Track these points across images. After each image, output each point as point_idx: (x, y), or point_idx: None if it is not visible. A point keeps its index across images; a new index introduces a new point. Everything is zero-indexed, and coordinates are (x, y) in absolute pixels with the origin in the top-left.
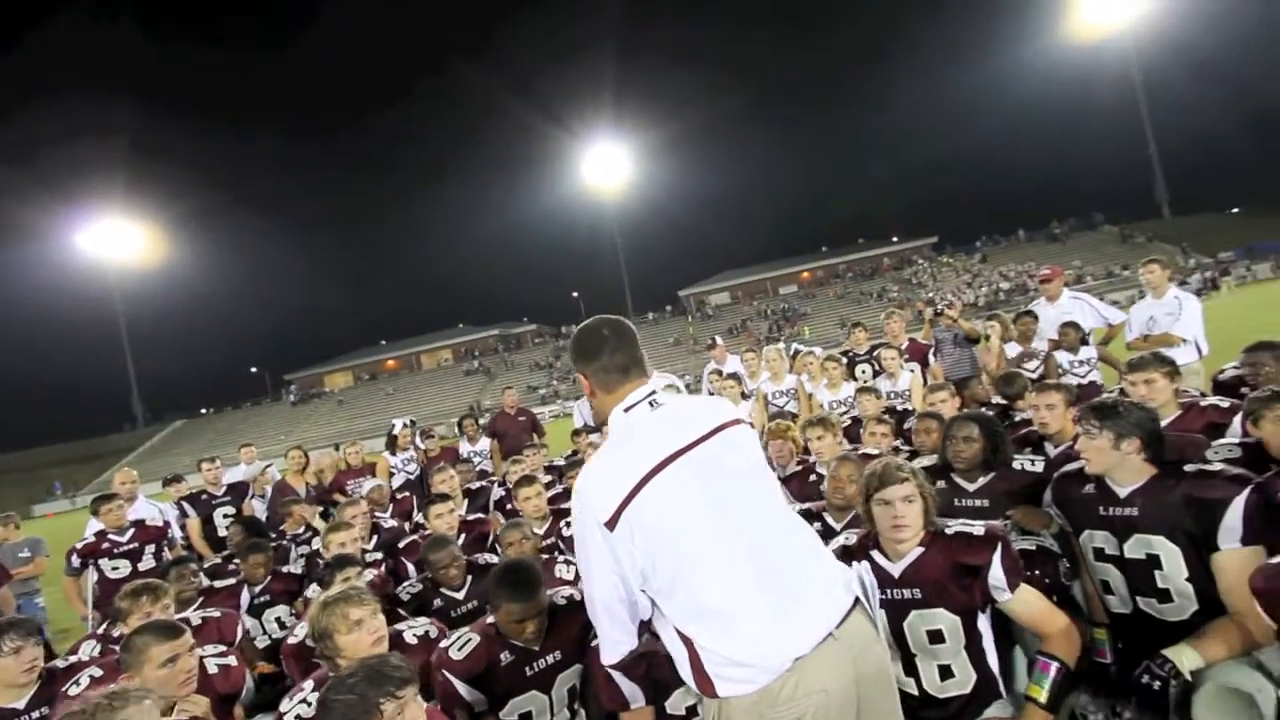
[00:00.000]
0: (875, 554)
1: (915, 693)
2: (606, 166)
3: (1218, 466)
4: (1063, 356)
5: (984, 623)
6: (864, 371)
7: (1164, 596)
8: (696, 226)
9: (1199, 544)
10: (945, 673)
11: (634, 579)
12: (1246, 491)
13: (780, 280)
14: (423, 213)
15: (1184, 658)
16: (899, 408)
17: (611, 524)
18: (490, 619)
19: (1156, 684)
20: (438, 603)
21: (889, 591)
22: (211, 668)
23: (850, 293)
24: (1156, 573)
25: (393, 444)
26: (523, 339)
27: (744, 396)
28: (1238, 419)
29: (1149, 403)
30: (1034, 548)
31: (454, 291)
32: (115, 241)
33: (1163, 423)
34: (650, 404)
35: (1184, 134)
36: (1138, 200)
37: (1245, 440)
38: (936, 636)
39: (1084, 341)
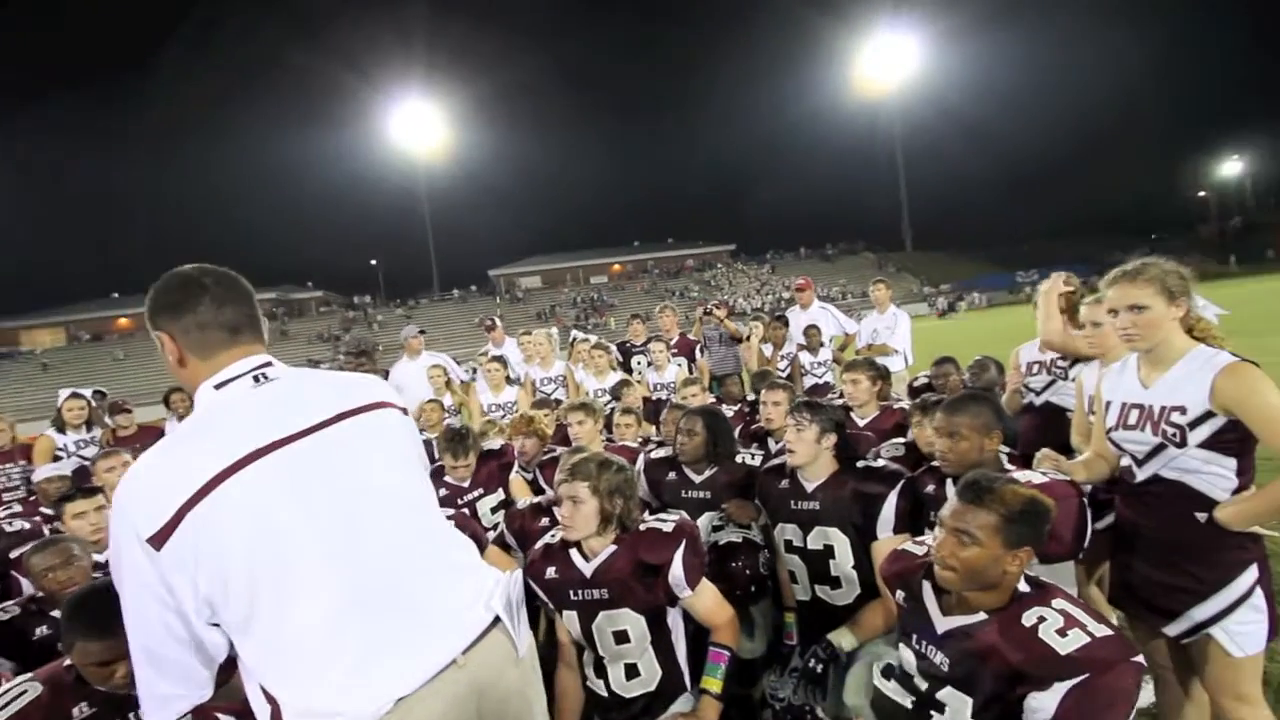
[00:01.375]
0: (574, 553)
1: (604, 694)
2: (417, 129)
3: (881, 463)
4: (805, 357)
5: (674, 618)
6: (639, 363)
7: (835, 584)
8: (513, 206)
9: (863, 534)
10: (631, 672)
11: (196, 612)
12: (899, 486)
13: (592, 270)
14: (189, 154)
15: (843, 640)
16: (662, 398)
17: (159, 540)
18: (67, 661)
19: (820, 666)
20: (43, 630)
21: (580, 593)
22: None
23: (656, 288)
24: (831, 562)
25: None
26: (305, 306)
27: (509, 381)
28: None
29: (854, 400)
30: (740, 539)
31: (223, 246)
32: None
33: (864, 420)
34: (256, 378)
35: (933, 182)
36: (892, 233)
37: (910, 441)
38: (622, 637)
39: (822, 344)
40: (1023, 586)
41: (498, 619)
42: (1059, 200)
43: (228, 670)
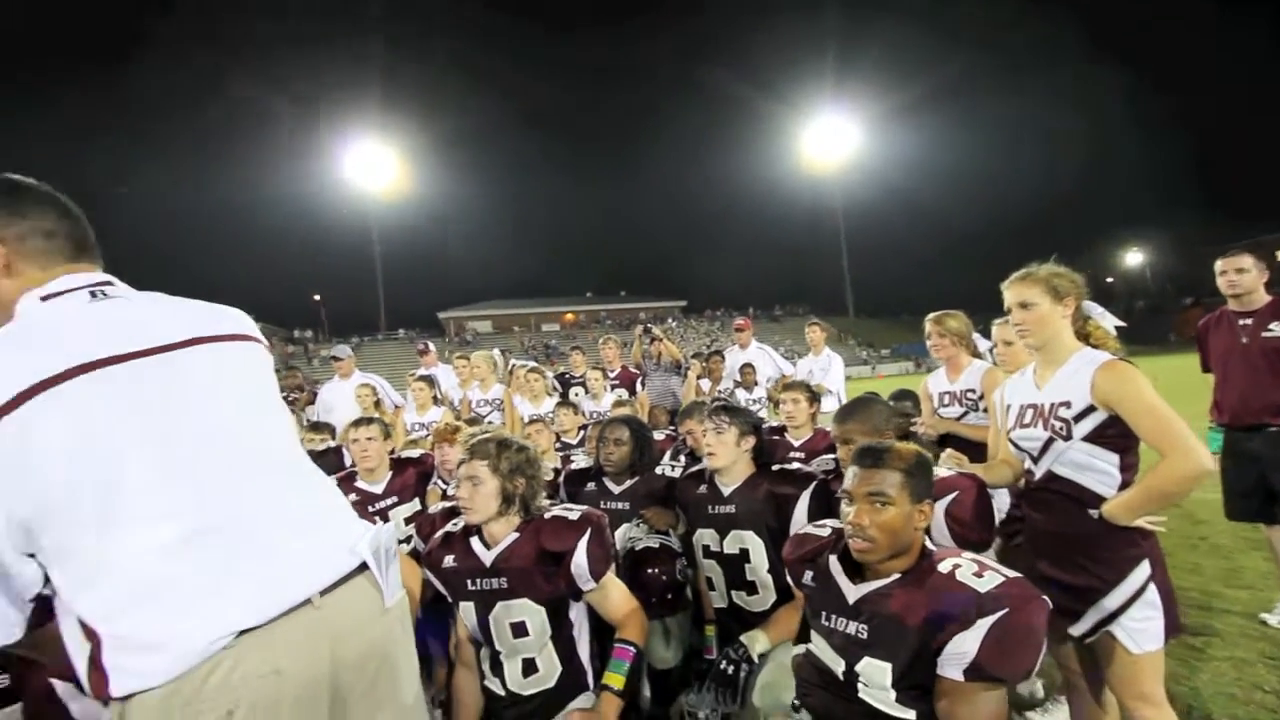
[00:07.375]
0: (475, 540)
1: (501, 693)
2: (372, 167)
3: (794, 465)
4: (740, 394)
5: (577, 613)
6: (578, 394)
7: (751, 589)
8: (467, 250)
9: (777, 537)
10: (529, 668)
11: (8, 535)
12: (811, 488)
13: (544, 317)
14: (139, 162)
15: (756, 642)
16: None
17: None
18: None
19: (731, 668)
20: None
21: (479, 581)
22: None
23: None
24: (746, 566)
25: None
26: None
27: (436, 402)
28: None
29: (793, 420)
30: (657, 545)
31: (152, 268)
32: None
33: (799, 441)
34: (94, 293)
35: (874, 253)
36: (837, 299)
37: (838, 458)
38: (520, 629)
39: (756, 383)
40: (928, 544)
41: (364, 566)
42: (984, 275)
43: (41, 616)
